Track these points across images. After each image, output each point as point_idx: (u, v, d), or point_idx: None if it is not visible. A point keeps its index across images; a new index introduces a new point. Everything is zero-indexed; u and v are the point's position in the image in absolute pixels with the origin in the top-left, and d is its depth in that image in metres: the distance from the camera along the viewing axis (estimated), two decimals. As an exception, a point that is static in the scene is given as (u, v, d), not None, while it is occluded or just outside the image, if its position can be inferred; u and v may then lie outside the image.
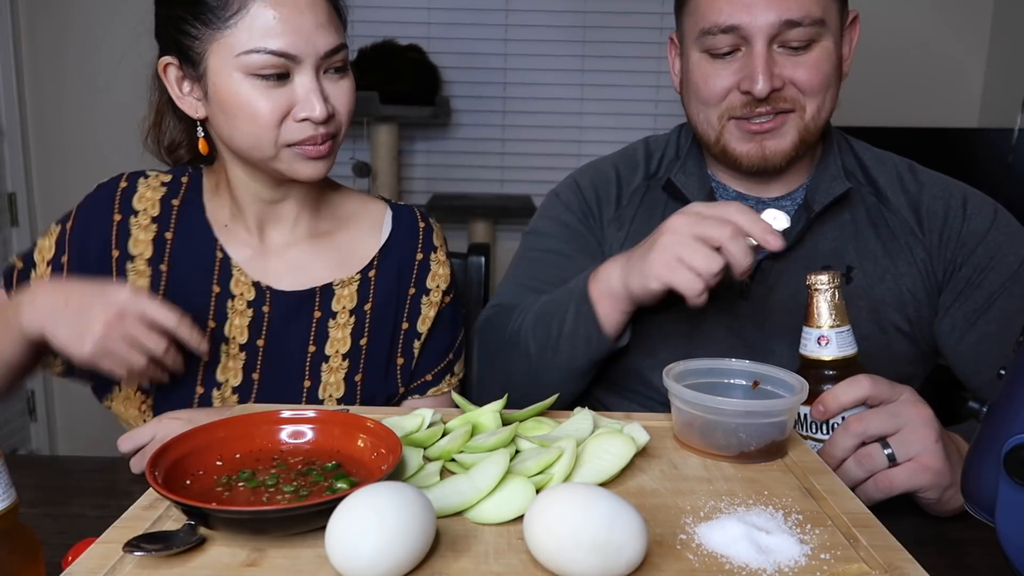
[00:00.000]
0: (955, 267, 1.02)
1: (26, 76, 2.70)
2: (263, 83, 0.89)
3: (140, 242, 1.01)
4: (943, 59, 2.70)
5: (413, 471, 0.67)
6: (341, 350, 1.03)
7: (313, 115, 0.90)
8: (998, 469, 0.57)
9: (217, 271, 1.01)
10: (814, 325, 0.83)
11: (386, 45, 2.62)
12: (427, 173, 2.91)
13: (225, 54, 0.89)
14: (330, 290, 1.04)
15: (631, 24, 2.79)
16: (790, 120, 0.99)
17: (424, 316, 1.07)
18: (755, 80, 0.94)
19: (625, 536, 0.52)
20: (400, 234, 1.08)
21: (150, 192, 1.03)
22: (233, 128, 0.92)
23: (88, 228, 1.01)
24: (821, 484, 0.68)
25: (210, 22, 0.89)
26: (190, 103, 0.95)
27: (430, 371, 1.09)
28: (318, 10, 0.90)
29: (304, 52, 0.89)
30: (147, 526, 0.58)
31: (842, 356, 0.82)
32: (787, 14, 0.93)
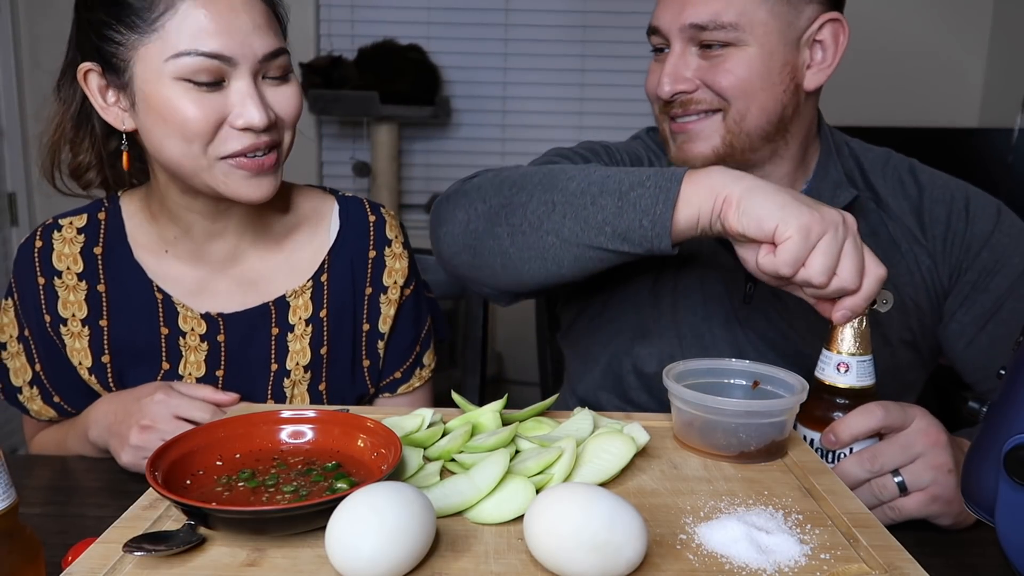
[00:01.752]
0: (960, 272, 1.01)
1: (26, 76, 2.70)
2: (195, 89, 0.82)
3: (70, 304, 0.96)
4: (943, 59, 2.70)
5: (413, 471, 0.67)
6: (302, 362, 1.00)
7: (252, 122, 0.83)
8: (998, 469, 0.57)
9: (161, 313, 0.97)
10: (835, 350, 0.79)
11: (386, 45, 2.61)
12: (427, 173, 2.91)
13: (153, 59, 0.82)
14: (284, 302, 0.99)
15: (631, 24, 2.79)
16: (711, 122, 0.96)
17: (384, 316, 1.03)
18: (661, 82, 0.96)
19: (625, 536, 0.52)
20: (349, 231, 1.02)
21: (67, 247, 0.97)
22: (163, 137, 0.85)
23: (24, 297, 0.98)
24: (821, 484, 0.68)
25: (135, 25, 0.82)
26: (115, 114, 0.88)
27: (398, 368, 1.06)
28: (254, 11, 0.85)
29: (240, 54, 0.83)
30: (147, 526, 0.58)
31: (860, 386, 0.79)
32: (692, 18, 0.93)
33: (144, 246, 0.98)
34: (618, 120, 2.83)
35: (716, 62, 0.94)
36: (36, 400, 1.01)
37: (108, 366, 0.98)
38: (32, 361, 1.00)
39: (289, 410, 0.71)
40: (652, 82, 1.00)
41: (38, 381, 1.00)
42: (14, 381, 1.01)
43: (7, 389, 1.01)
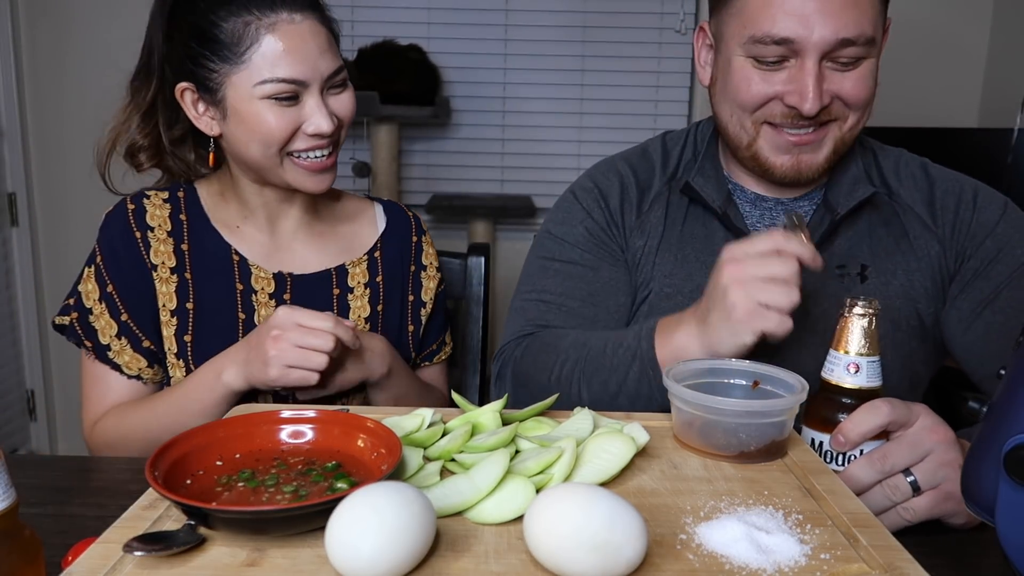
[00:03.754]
0: (964, 258, 1.04)
1: (26, 76, 2.70)
2: (277, 104, 1.00)
3: (160, 253, 1.09)
4: (943, 59, 2.70)
5: (413, 471, 0.67)
6: (363, 315, 1.16)
7: (321, 129, 1.02)
8: (998, 469, 0.57)
9: (237, 272, 1.11)
10: (843, 350, 0.78)
11: (386, 45, 2.62)
12: (427, 173, 2.91)
13: (243, 84, 1.00)
14: (344, 269, 1.16)
15: (631, 24, 2.79)
16: (830, 132, 0.98)
17: (426, 288, 1.23)
18: (805, 98, 0.92)
19: (625, 536, 0.52)
20: (394, 223, 1.23)
21: (158, 210, 1.11)
22: (248, 142, 1.02)
23: (116, 252, 1.09)
24: (821, 484, 0.68)
25: (227, 58, 0.99)
26: (206, 122, 1.05)
27: (435, 341, 1.26)
28: (320, 38, 1.02)
29: (311, 77, 1.00)
30: (147, 526, 0.58)
31: (870, 387, 0.77)
32: (843, 32, 0.91)
33: (219, 220, 1.13)
34: (618, 120, 2.84)
35: (850, 75, 0.95)
36: (126, 351, 1.08)
37: (191, 312, 1.09)
38: (117, 314, 1.08)
39: (289, 410, 0.71)
40: (765, 91, 0.96)
41: (126, 330, 1.08)
42: (102, 340, 1.08)
43: (97, 348, 1.08)
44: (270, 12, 0.99)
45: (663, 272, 1.06)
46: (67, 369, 2.82)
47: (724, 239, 1.05)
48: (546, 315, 1.08)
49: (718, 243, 1.04)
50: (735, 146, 1.03)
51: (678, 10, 2.77)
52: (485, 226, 2.71)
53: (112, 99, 1.11)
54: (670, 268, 1.06)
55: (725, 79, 1.00)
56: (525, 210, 2.75)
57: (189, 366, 1.07)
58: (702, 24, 1.07)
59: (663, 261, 1.06)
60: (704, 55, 1.07)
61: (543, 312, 1.09)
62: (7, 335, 2.68)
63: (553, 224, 1.14)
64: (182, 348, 1.08)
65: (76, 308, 1.09)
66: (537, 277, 1.12)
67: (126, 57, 1.09)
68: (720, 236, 1.06)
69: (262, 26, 0.98)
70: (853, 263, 1.04)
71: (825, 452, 0.77)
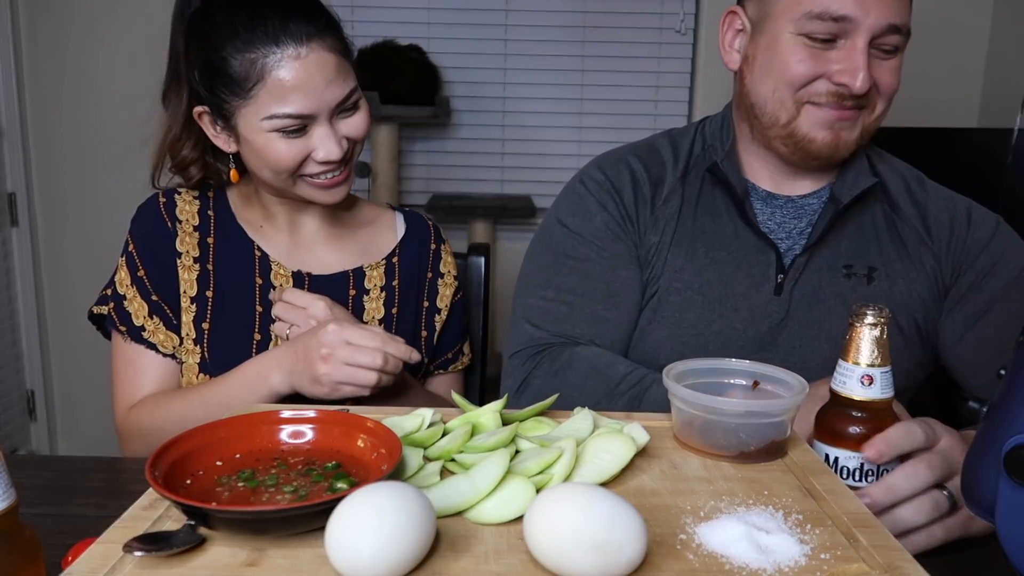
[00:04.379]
0: (960, 272, 1.06)
1: (26, 76, 2.70)
2: (285, 136, 1.02)
3: (186, 243, 1.13)
4: (943, 59, 2.70)
5: (413, 471, 0.67)
6: (377, 317, 1.17)
7: (331, 157, 1.03)
8: (998, 469, 0.57)
9: (257, 267, 1.14)
10: (853, 361, 0.74)
11: (386, 45, 2.61)
12: (427, 173, 2.91)
13: (251, 117, 1.02)
14: (361, 272, 1.18)
15: (631, 24, 2.79)
16: (861, 116, 1.01)
17: (442, 295, 1.23)
18: (856, 77, 0.95)
19: (625, 536, 0.52)
20: (414, 230, 1.24)
21: (188, 205, 1.15)
22: (259, 167, 1.06)
23: (147, 238, 1.12)
24: (821, 484, 0.68)
25: (237, 93, 1.01)
26: (223, 140, 1.09)
27: (450, 350, 1.25)
28: (327, 68, 1.01)
29: (317, 110, 1.01)
30: (147, 526, 0.58)
31: (883, 398, 0.75)
32: (895, 18, 0.95)
33: (244, 218, 1.17)
34: (618, 120, 2.83)
35: (887, 64, 0.99)
36: (160, 330, 1.11)
37: (210, 300, 1.12)
38: (148, 294, 1.11)
39: (289, 410, 0.71)
40: (813, 68, 0.98)
41: (158, 309, 1.11)
42: (136, 322, 1.11)
43: (131, 331, 1.11)
44: (276, 48, 0.99)
45: (673, 267, 1.06)
46: (67, 369, 2.82)
47: (733, 233, 1.06)
48: (567, 321, 1.07)
49: (727, 237, 1.06)
50: (770, 124, 1.03)
51: (678, 10, 2.77)
52: (485, 226, 2.71)
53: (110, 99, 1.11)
54: (680, 263, 1.06)
55: (770, 56, 1.01)
56: (525, 210, 2.75)
57: (204, 353, 1.09)
58: (732, 8, 1.08)
59: (674, 256, 1.07)
60: (731, 39, 1.08)
61: (564, 316, 1.07)
62: (7, 335, 2.67)
63: (566, 215, 1.12)
64: (199, 335, 1.10)
65: (112, 298, 1.13)
66: (551, 273, 1.10)
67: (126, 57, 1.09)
68: (730, 230, 1.06)
69: (268, 64, 0.99)
70: (860, 264, 1.05)
71: (841, 467, 0.75)
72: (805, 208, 1.08)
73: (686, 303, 1.05)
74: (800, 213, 1.08)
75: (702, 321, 1.05)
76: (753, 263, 1.05)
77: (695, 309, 1.05)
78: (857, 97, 0.97)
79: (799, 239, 1.07)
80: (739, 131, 1.10)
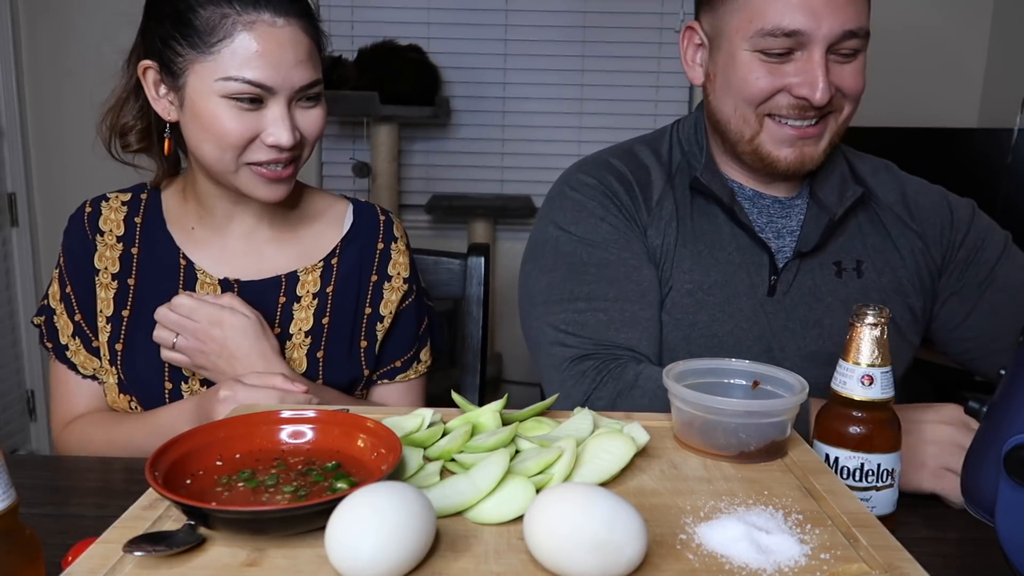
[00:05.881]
0: (953, 250, 1.09)
1: (26, 76, 2.70)
2: (236, 106, 0.95)
3: (105, 258, 1.08)
4: (943, 59, 2.70)
5: (413, 471, 0.67)
6: (304, 328, 1.09)
7: (280, 142, 0.96)
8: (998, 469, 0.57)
9: (182, 277, 1.08)
10: (857, 362, 0.74)
11: (386, 45, 2.62)
12: (427, 173, 2.91)
13: (205, 76, 0.94)
14: (295, 276, 1.09)
15: (631, 24, 2.79)
16: (829, 124, 1.00)
17: (386, 300, 1.13)
18: (816, 88, 0.94)
19: (625, 536, 0.52)
20: (361, 226, 1.14)
21: (113, 214, 1.09)
22: (201, 140, 0.97)
23: (73, 253, 1.09)
24: (821, 484, 0.68)
25: (196, 45, 0.94)
26: (164, 106, 1.00)
27: (399, 358, 1.16)
28: (299, 48, 0.96)
29: (279, 85, 0.95)
30: (147, 526, 0.58)
31: (884, 398, 0.74)
32: (849, 24, 0.94)
33: (175, 221, 1.10)
34: (618, 120, 2.84)
35: (848, 67, 0.98)
36: (80, 351, 1.08)
37: (125, 319, 1.07)
38: (72, 313, 1.08)
39: (289, 410, 0.71)
40: (771, 83, 0.97)
41: (79, 331, 1.08)
42: (61, 339, 1.09)
43: (57, 348, 1.09)
44: (252, 10, 0.94)
45: (682, 269, 1.05)
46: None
47: (730, 234, 1.06)
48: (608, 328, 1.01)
49: (725, 238, 1.06)
50: (735, 140, 1.03)
51: (678, 10, 2.77)
52: (485, 226, 2.71)
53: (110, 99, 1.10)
54: (688, 265, 1.05)
55: (728, 74, 1.00)
56: (525, 210, 2.75)
57: (120, 374, 1.06)
58: (689, 24, 1.07)
59: (681, 258, 1.05)
60: (693, 55, 1.07)
61: (604, 324, 1.01)
62: (7, 335, 2.68)
63: (568, 224, 1.07)
64: (113, 356, 1.06)
65: (45, 310, 1.11)
66: (573, 284, 1.04)
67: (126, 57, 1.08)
68: (727, 231, 1.06)
69: (240, 22, 0.93)
70: (848, 259, 1.07)
71: (841, 468, 0.75)
72: (793, 208, 1.09)
73: (698, 304, 1.04)
74: (788, 212, 1.09)
75: (715, 322, 1.04)
76: (751, 264, 1.06)
77: (707, 310, 1.04)
78: (819, 108, 0.97)
79: (789, 239, 1.07)
80: (713, 143, 1.10)
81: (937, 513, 0.84)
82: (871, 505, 0.75)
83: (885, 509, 0.76)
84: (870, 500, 0.75)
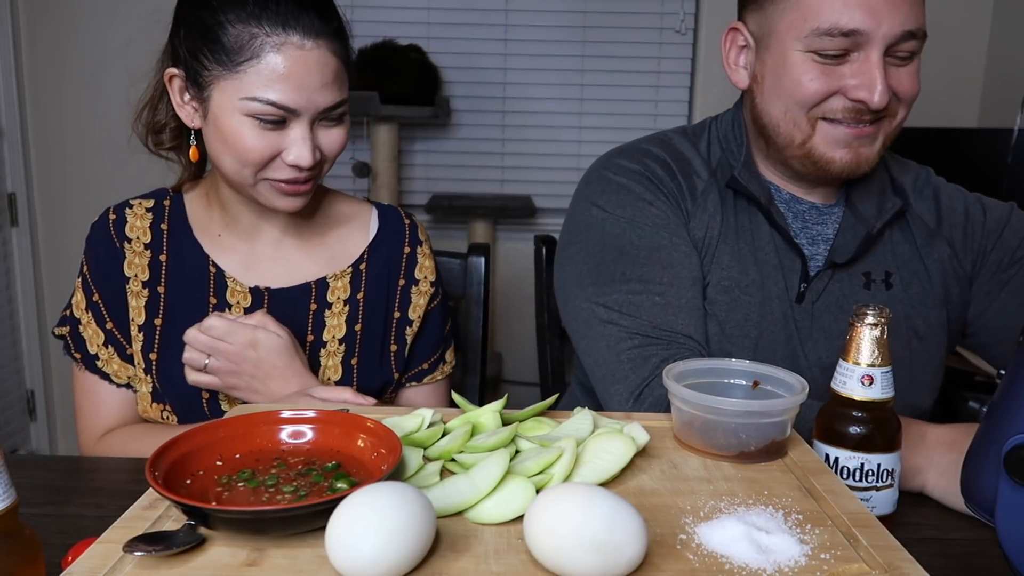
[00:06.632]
0: (984, 255, 1.07)
1: (26, 76, 2.70)
2: (259, 125, 0.94)
3: (134, 265, 1.07)
4: (943, 59, 2.70)
5: (413, 471, 0.67)
6: (337, 336, 1.09)
7: (301, 163, 0.96)
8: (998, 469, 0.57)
9: (212, 285, 1.07)
10: (857, 362, 0.74)
11: (386, 45, 2.61)
12: (427, 173, 2.91)
13: (230, 93, 0.94)
14: (324, 283, 1.09)
15: (631, 24, 2.79)
16: (883, 127, 0.98)
17: (415, 305, 1.14)
18: (874, 91, 0.91)
19: (625, 536, 0.52)
20: (387, 231, 1.14)
21: (139, 221, 1.08)
22: (222, 153, 0.97)
23: (99, 261, 1.08)
24: (821, 484, 0.68)
25: (223, 62, 0.94)
26: (188, 112, 1.00)
27: (426, 360, 1.17)
28: (326, 71, 0.95)
29: (303, 108, 0.94)
30: (147, 526, 0.58)
31: (884, 398, 0.74)
32: (909, 24, 0.91)
33: (202, 228, 1.09)
34: (618, 120, 2.84)
35: (905, 70, 0.95)
36: (114, 359, 1.07)
37: (158, 328, 1.06)
38: (103, 321, 1.07)
39: (289, 410, 0.71)
40: (827, 85, 0.94)
41: (111, 338, 1.07)
42: (90, 349, 1.07)
43: (86, 359, 1.07)
44: (280, 31, 0.93)
45: (720, 265, 1.02)
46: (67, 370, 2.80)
47: (768, 234, 1.03)
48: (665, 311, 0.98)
49: (763, 238, 1.03)
50: (784, 145, 1.00)
51: (678, 10, 2.77)
52: (485, 226, 2.71)
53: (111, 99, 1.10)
54: (727, 261, 1.02)
55: (778, 76, 0.97)
56: (525, 210, 2.75)
57: (155, 383, 1.05)
58: (733, 25, 1.04)
59: (721, 254, 1.02)
60: (736, 57, 1.04)
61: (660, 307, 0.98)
62: (7, 335, 2.67)
63: (614, 207, 1.03)
64: (148, 365, 1.06)
65: (69, 320, 1.09)
66: (625, 266, 1.00)
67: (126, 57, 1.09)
68: (764, 230, 1.04)
69: (268, 43, 0.93)
70: (878, 270, 1.04)
71: (841, 468, 0.75)
72: (830, 216, 1.06)
73: (733, 303, 1.02)
74: (824, 220, 1.06)
75: (748, 322, 1.01)
76: (785, 267, 1.03)
77: (741, 309, 1.01)
78: (875, 112, 0.94)
79: (823, 246, 1.05)
80: (754, 144, 1.07)
81: (937, 513, 0.84)
82: (871, 505, 0.75)
83: (885, 509, 0.76)
84: (870, 500, 0.75)
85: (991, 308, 1.07)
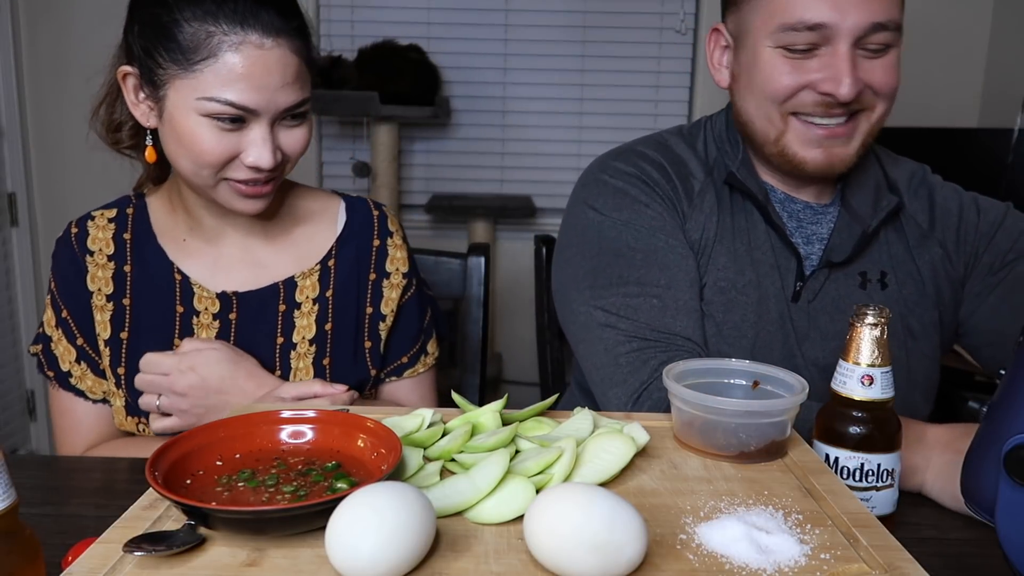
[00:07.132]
0: (976, 257, 1.06)
1: (26, 76, 2.70)
2: (217, 126, 0.91)
3: (97, 279, 1.04)
4: (943, 59, 2.70)
5: (413, 471, 0.67)
6: (307, 336, 1.06)
7: (260, 164, 0.93)
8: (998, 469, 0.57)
9: (178, 293, 1.04)
10: (853, 361, 0.74)
11: (386, 45, 2.62)
12: (427, 173, 2.91)
13: (186, 93, 0.91)
14: (292, 283, 1.07)
15: (631, 24, 2.79)
16: (859, 124, 0.97)
17: (387, 299, 1.11)
18: (840, 83, 0.92)
19: (625, 536, 0.52)
20: (355, 224, 1.11)
21: (101, 232, 1.06)
22: (178, 155, 0.94)
23: (65, 277, 1.05)
24: (821, 484, 0.68)
25: (178, 61, 0.91)
26: (143, 111, 0.97)
27: (405, 354, 1.13)
28: (287, 70, 0.92)
29: (263, 108, 0.92)
30: (147, 526, 0.58)
31: (884, 398, 0.74)
32: (876, 16, 0.91)
33: (166, 234, 1.06)
34: (618, 120, 2.84)
35: (879, 62, 0.95)
36: (87, 376, 1.05)
37: (124, 342, 1.04)
38: (73, 338, 1.05)
39: (289, 410, 0.71)
40: (795, 80, 0.94)
41: (83, 354, 1.05)
42: (63, 367, 1.06)
43: (59, 376, 1.06)
44: (239, 29, 0.89)
45: (717, 266, 1.03)
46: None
47: (764, 233, 1.04)
48: (663, 314, 0.98)
49: (759, 237, 1.03)
50: (762, 142, 1.01)
51: (678, 10, 2.77)
52: (485, 226, 2.71)
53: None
54: (724, 262, 1.03)
55: (751, 73, 0.98)
56: (525, 210, 2.75)
57: (127, 397, 1.03)
58: (715, 26, 1.05)
59: (717, 254, 1.03)
60: (718, 57, 1.06)
61: (658, 310, 0.98)
62: (7, 335, 2.68)
63: (610, 210, 1.04)
64: (117, 379, 1.04)
65: (42, 338, 1.07)
66: (622, 268, 1.00)
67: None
68: (761, 230, 1.04)
69: (226, 42, 0.89)
70: (873, 270, 1.04)
71: (841, 468, 0.75)
72: (825, 215, 1.06)
73: (730, 303, 1.02)
74: (819, 219, 1.06)
75: (745, 323, 1.01)
76: (782, 267, 1.03)
77: (738, 310, 1.02)
78: (846, 104, 0.94)
79: (818, 245, 1.05)
80: (747, 143, 1.07)
81: (937, 513, 0.84)
82: (871, 505, 0.75)
83: (885, 509, 0.76)
84: (870, 500, 0.75)
85: (980, 310, 1.07)
